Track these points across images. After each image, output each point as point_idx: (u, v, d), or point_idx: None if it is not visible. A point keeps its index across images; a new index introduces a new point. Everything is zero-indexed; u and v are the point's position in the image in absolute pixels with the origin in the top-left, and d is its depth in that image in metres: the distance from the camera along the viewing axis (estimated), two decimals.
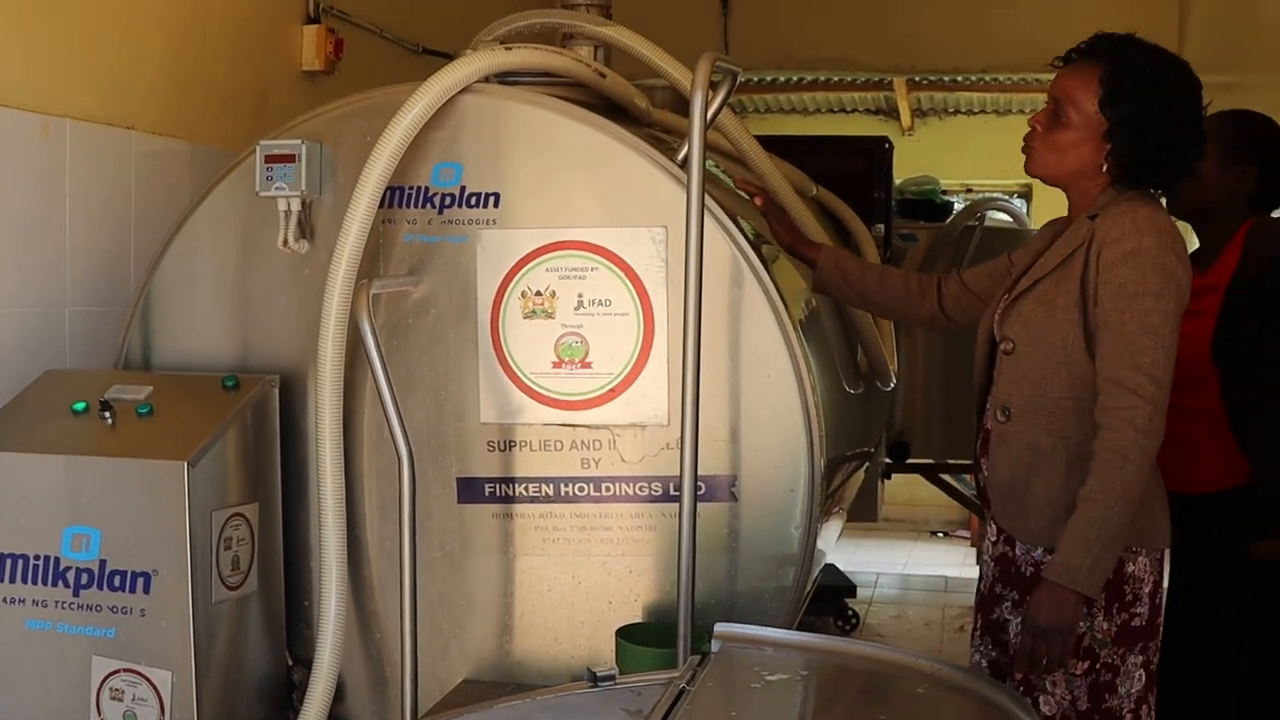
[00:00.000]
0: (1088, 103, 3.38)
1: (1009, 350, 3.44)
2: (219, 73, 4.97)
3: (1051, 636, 3.22)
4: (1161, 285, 3.26)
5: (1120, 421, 3.21)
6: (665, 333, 3.68)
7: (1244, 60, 6.56)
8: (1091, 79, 3.38)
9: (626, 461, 3.74)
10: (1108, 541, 3.21)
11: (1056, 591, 3.21)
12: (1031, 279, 3.44)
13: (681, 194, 3.50)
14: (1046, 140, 3.45)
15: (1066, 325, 3.34)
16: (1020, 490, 3.41)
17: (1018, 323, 3.43)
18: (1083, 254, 3.34)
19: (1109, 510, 3.19)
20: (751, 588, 3.74)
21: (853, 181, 7.44)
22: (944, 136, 12.85)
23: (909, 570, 10.22)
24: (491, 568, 3.83)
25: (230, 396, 3.72)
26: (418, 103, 3.60)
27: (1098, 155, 3.40)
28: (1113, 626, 3.38)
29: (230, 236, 3.94)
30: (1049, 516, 3.35)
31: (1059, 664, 3.26)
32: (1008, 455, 3.44)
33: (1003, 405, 3.44)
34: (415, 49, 6.62)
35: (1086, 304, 3.32)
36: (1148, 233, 3.28)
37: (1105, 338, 3.28)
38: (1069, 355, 3.34)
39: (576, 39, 4.16)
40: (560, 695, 2.84)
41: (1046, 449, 3.38)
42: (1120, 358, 3.24)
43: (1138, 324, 3.24)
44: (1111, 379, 3.25)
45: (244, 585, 3.68)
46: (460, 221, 3.77)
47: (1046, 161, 3.46)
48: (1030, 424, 3.40)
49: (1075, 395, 3.34)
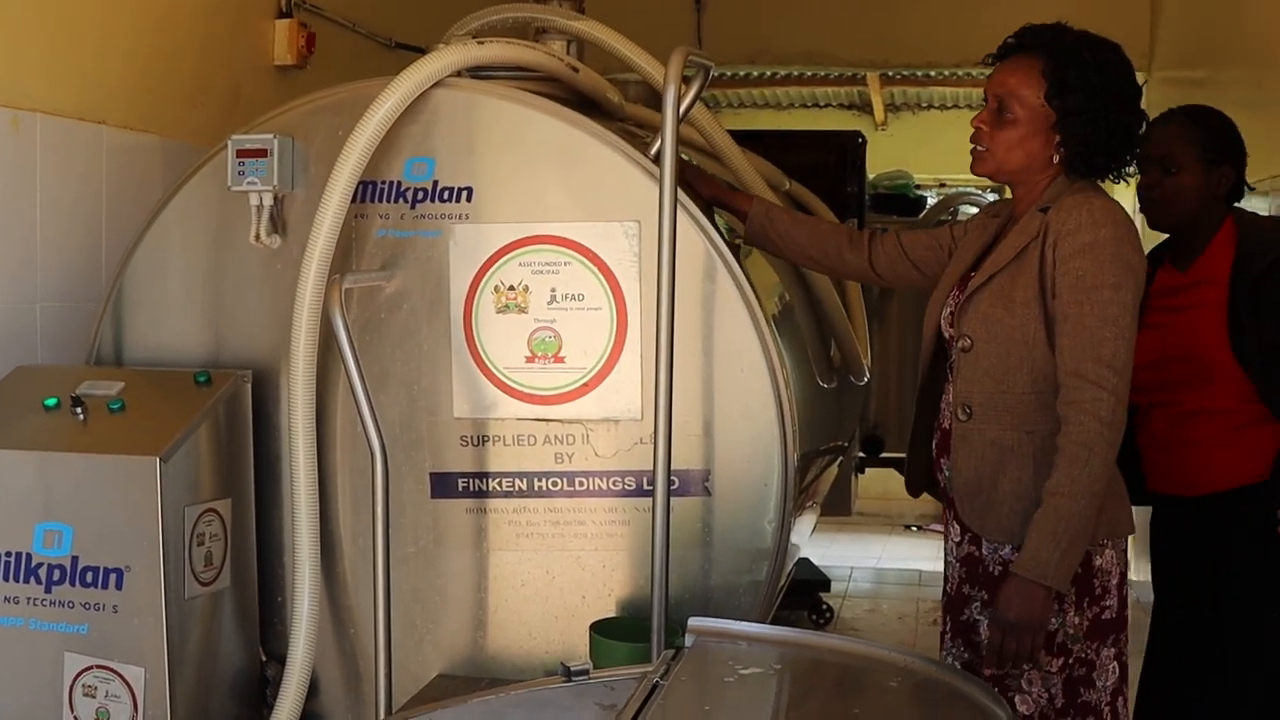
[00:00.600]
0: (1033, 96, 3.37)
1: (967, 347, 3.41)
2: (190, 67, 4.96)
3: (1021, 632, 3.21)
4: (1120, 276, 3.26)
5: (1084, 414, 3.21)
6: (638, 327, 3.68)
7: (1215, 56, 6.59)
8: (1033, 72, 3.38)
9: (600, 456, 3.74)
10: (1075, 535, 3.21)
11: (1025, 586, 3.20)
12: (985, 274, 3.41)
13: (654, 188, 3.50)
14: (994, 138, 3.43)
15: (1027, 319, 3.33)
16: (987, 488, 3.39)
17: (975, 319, 3.40)
18: (1038, 247, 3.33)
19: (1076, 504, 3.19)
20: (725, 582, 3.75)
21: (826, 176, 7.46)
22: (917, 131, 12.88)
23: (883, 564, 10.23)
24: (465, 562, 3.82)
25: (202, 392, 3.71)
26: (390, 97, 3.59)
27: (1047, 148, 3.40)
28: (1084, 621, 3.38)
29: (202, 231, 3.93)
30: (1018, 513, 3.33)
31: (1029, 659, 3.26)
32: (972, 454, 3.41)
33: (963, 403, 3.42)
34: (388, 43, 6.61)
35: (1045, 297, 3.32)
36: (1104, 224, 3.28)
37: (1065, 330, 3.27)
38: (1030, 350, 3.33)
39: (549, 33, 4.15)
40: (534, 690, 2.84)
41: (1012, 445, 3.37)
42: (1081, 350, 3.24)
43: (1097, 315, 3.24)
44: (1073, 371, 3.24)
45: (217, 581, 3.67)
46: (433, 216, 3.77)
47: (997, 159, 3.45)
48: (994, 421, 3.38)
49: (1038, 390, 3.33)
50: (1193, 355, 3.97)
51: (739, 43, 8.94)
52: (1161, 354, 3.96)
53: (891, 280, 3.98)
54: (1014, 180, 3.49)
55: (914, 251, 3.84)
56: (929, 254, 3.81)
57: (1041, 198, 3.41)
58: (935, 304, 3.60)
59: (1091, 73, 3.35)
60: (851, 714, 2.76)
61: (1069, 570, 3.23)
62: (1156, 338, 3.92)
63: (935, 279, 3.73)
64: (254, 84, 5.41)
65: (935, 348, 3.60)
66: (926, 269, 3.81)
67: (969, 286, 3.44)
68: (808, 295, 4.79)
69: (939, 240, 3.82)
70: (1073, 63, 3.35)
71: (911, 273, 3.86)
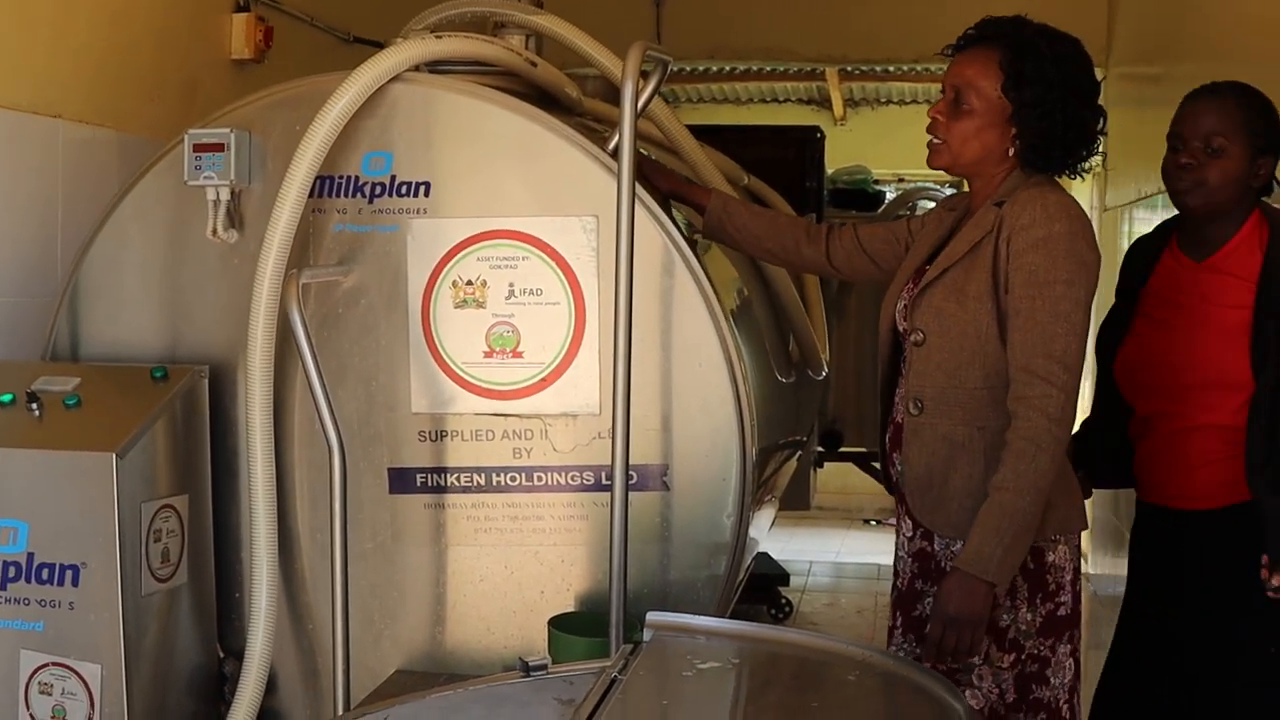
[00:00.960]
0: (990, 88, 3.36)
1: (919, 341, 3.40)
2: (147, 61, 4.94)
3: (961, 626, 3.21)
4: (1073, 272, 3.26)
5: (1033, 410, 3.21)
6: (596, 322, 3.68)
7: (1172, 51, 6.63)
8: (990, 64, 3.36)
9: (558, 451, 3.74)
10: (1019, 531, 3.21)
11: (966, 581, 3.21)
12: (939, 268, 3.40)
13: (612, 183, 3.51)
14: (950, 130, 3.41)
15: (980, 314, 3.32)
16: (938, 483, 3.39)
17: (928, 313, 3.39)
18: (992, 241, 3.33)
19: (1021, 499, 3.19)
20: (684, 576, 3.75)
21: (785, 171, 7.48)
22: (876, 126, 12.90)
23: (842, 558, 10.26)
24: (423, 558, 3.82)
25: (159, 387, 3.70)
26: (347, 91, 3.58)
27: (1003, 141, 3.39)
28: (1037, 618, 3.37)
29: (159, 226, 3.91)
30: (969, 509, 3.31)
31: (969, 653, 3.25)
32: (923, 448, 3.41)
33: (915, 398, 3.41)
34: (346, 37, 6.59)
35: (999, 292, 3.31)
36: (1058, 219, 3.28)
37: (1017, 325, 3.27)
38: (983, 344, 3.32)
39: (508, 28, 4.14)
40: (493, 685, 2.84)
41: (963, 440, 3.36)
42: (1032, 345, 3.24)
43: (1049, 311, 3.24)
44: (1023, 367, 3.24)
45: (174, 577, 3.65)
46: (391, 211, 3.76)
47: (953, 151, 3.42)
48: (945, 415, 3.38)
49: (990, 385, 3.32)
50: (1201, 363, 3.71)
51: (698, 38, 8.94)
52: (1166, 357, 3.76)
53: (848, 274, 3.96)
54: (970, 173, 3.48)
55: (870, 245, 3.83)
56: (885, 247, 3.80)
57: (998, 191, 3.41)
58: (890, 299, 3.59)
59: (1049, 66, 3.35)
60: (810, 707, 2.76)
61: (1012, 566, 3.23)
62: (1162, 338, 3.78)
63: (892, 273, 3.72)
64: (211, 78, 5.39)
65: (892, 342, 3.60)
66: (883, 262, 3.80)
67: (923, 280, 3.44)
68: (766, 290, 4.80)
69: (895, 234, 3.81)
70: (1030, 55, 3.35)
71: (868, 266, 3.85)
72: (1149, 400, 3.82)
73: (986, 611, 3.23)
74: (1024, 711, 3.40)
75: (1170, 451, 3.79)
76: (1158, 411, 3.80)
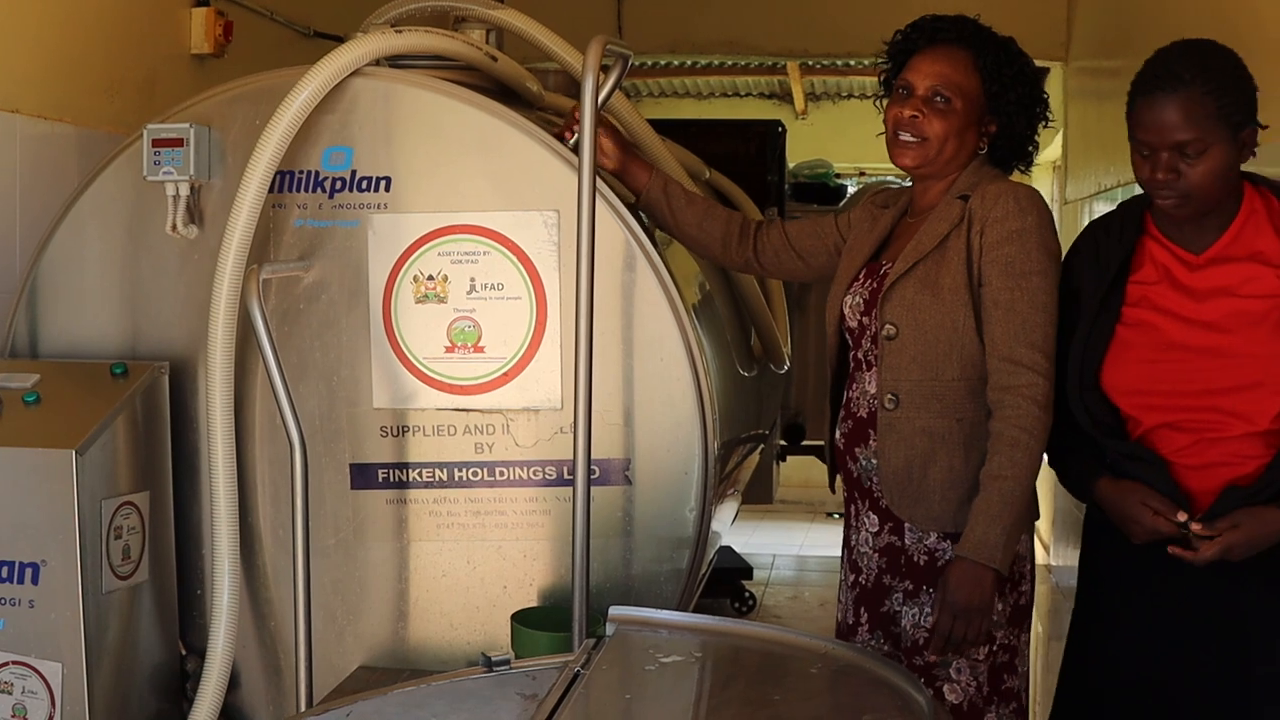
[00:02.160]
0: (973, 88, 3.40)
1: (892, 335, 3.40)
2: (105, 56, 4.91)
3: (971, 615, 3.23)
4: (1045, 264, 3.31)
5: (1022, 399, 3.24)
6: (558, 316, 3.68)
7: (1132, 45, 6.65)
8: (966, 63, 3.40)
9: (520, 446, 3.74)
10: (1017, 519, 3.26)
11: (974, 569, 3.23)
12: (907, 262, 3.40)
13: (573, 177, 3.51)
14: (931, 128, 3.40)
15: (955, 307, 3.35)
16: (918, 477, 3.39)
17: (900, 307, 3.39)
18: (962, 234, 3.35)
19: (1020, 487, 3.24)
20: (646, 570, 3.75)
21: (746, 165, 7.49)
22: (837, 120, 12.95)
23: (805, 551, 10.29)
24: (386, 554, 3.81)
25: (119, 384, 3.68)
26: (307, 86, 3.57)
27: (977, 139, 3.44)
28: (1008, 607, 3.40)
29: (118, 222, 3.90)
30: (951, 501, 3.35)
31: (976, 643, 3.28)
32: (901, 442, 3.41)
33: (890, 392, 3.41)
34: (306, 32, 6.57)
35: (973, 284, 3.34)
36: (1030, 211, 3.33)
37: (996, 317, 3.30)
38: (960, 337, 3.35)
39: (468, 22, 4.14)
40: (455, 680, 2.84)
41: (942, 432, 3.38)
42: (1014, 335, 3.28)
43: (1028, 302, 3.29)
44: (1006, 357, 3.28)
45: (135, 574, 3.64)
46: (351, 206, 3.75)
47: (933, 149, 3.41)
48: (923, 409, 3.38)
49: (966, 376, 3.35)
50: (1234, 366, 3.18)
51: (659, 32, 8.95)
52: (1186, 364, 3.21)
53: (775, 272, 3.95)
54: (938, 171, 3.47)
55: (799, 242, 3.81)
56: (814, 243, 3.79)
57: (956, 184, 3.44)
58: (835, 297, 3.59)
59: (1014, 63, 3.42)
60: (772, 700, 2.77)
61: (1011, 554, 3.27)
62: (1175, 341, 3.25)
63: (819, 271, 3.77)
64: (171, 73, 5.37)
65: (839, 340, 3.60)
66: (811, 259, 3.79)
67: (889, 276, 3.42)
68: (728, 284, 4.81)
69: (823, 230, 3.79)
70: (1004, 55, 3.40)
71: (795, 263, 3.82)
72: (1159, 414, 3.25)
73: (994, 599, 3.27)
74: (996, 703, 3.42)
75: (1191, 471, 3.23)
76: (1170, 424, 3.24)
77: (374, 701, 2.74)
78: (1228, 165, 3.14)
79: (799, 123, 12.77)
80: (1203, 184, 3.13)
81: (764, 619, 7.90)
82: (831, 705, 2.83)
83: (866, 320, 3.47)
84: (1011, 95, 3.41)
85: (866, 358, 3.49)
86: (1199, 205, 3.17)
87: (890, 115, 3.48)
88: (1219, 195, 3.17)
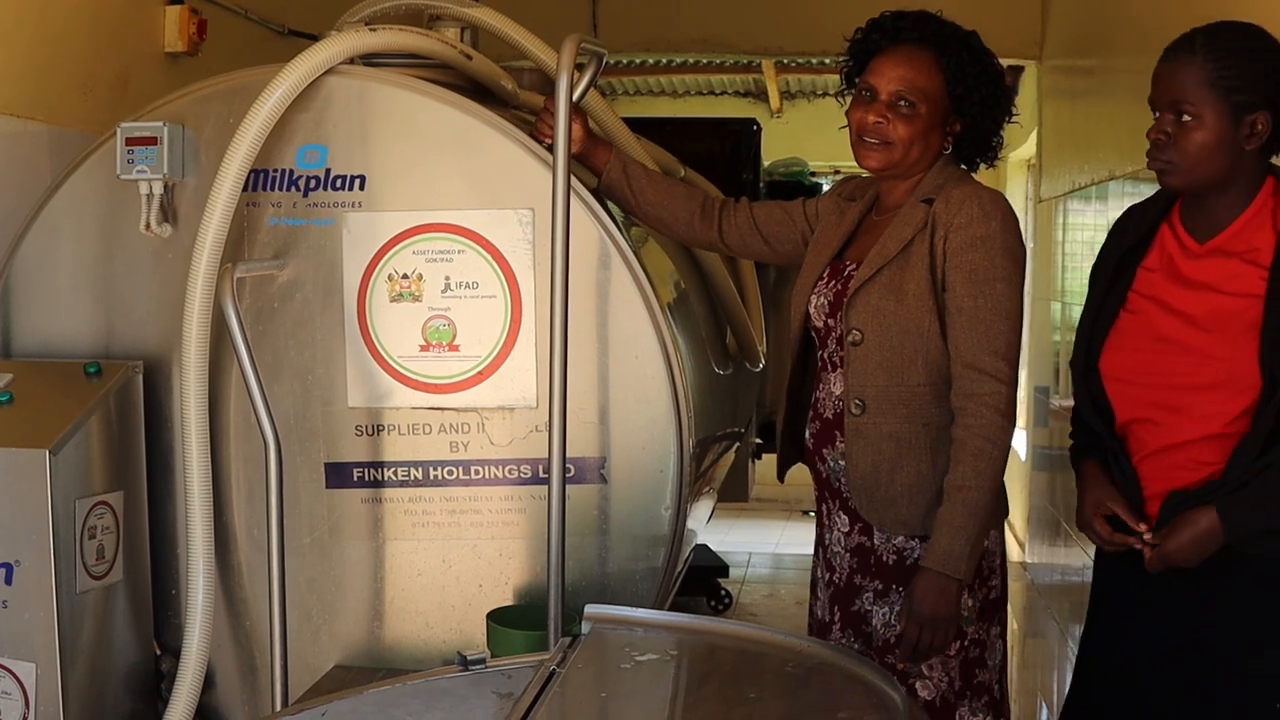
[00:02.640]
0: (937, 91, 3.38)
1: (858, 341, 3.38)
2: (79, 54, 4.89)
3: (937, 625, 3.25)
4: (1009, 269, 3.31)
5: (985, 407, 3.25)
6: (533, 315, 3.68)
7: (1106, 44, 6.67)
8: (929, 65, 3.37)
9: (495, 444, 3.74)
10: (981, 527, 3.26)
11: (939, 580, 3.24)
12: (872, 267, 3.37)
13: (548, 176, 3.51)
14: (897, 132, 3.37)
15: (920, 312, 3.33)
16: (885, 482, 3.39)
17: (865, 313, 3.37)
18: (926, 239, 3.34)
19: (983, 497, 3.24)
20: (622, 569, 3.76)
21: (721, 163, 7.50)
22: (812, 118, 12.95)
23: (781, 549, 10.29)
24: (361, 553, 3.81)
25: (93, 383, 3.67)
26: (281, 84, 3.57)
27: (942, 140, 3.43)
28: (977, 603, 3.41)
29: (91, 220, 3.89)
30: (920, 505, 3.35)
31: (941, 651, 3.30)
32: (868, 448, 3.40)
33: (857, 398, 3.39)
34: (280, 30, 6.55)
35: (937, 289, 3.33)
36: (994, 217, 3.31)
37: (960, 323, 3.30)
38: (925, 342, 3.34)
39: (443, 20, 4.14)
40: (431, 679, 2.83)
41: (909, 438, 3.37)
42: (977, 343, 3.27)
43: (992, 309, 3.28)
44: (969, 364, 3.27)
45: (109, 574, 3.63)
46: (326, 204, 3.75)
47: (899, 153, 3.39)
48: (889, 414, 3.37)
49: (932, 381, 3.35)
50: (1201, 364, 3.09)
51: (634, 30, 8.95)
52: (1159, 358, 3.15)
53: (739, 251, 3.91)
54: (905, 173, 3.45)
55: (766, 226, 3.77)
56: (780, 229, 3.75)
57: (920, 186, 3.42)
58: (801, 293, 3.56)
59: (978, 62, 3.40)
60: (747, 698, 2.77)
61: (974, 562, 3.28)
62: (1154, 332, 3.18)
63: (785, 256, 3.75)
64: (144, 71, 5.35)
65: (803, 338, 3.59)
66: (777, 244, 3.76)
67: (854, 281, 3.40)
68: (703, 282, 4.81)
69: (791, 215, 3.75)
70: (967, 54, 3.38)
71: (761, 247, 3.79)
72: (1133, 407, 3.21)
73: (959, 608, 3.28)
74: (968, 697, 3.43)
75: (1153, 472, 3.20)
76: (1140, 420, 3.20)
77: (349, 701, 2.74)
78: (1221, 141, 3.03)
79: (774, 121, 12.78)
80: (1191, 154, 3.04)
81: (740, 617, 7.90)
82: (806, 703, 2.83)
83: (832, 322, 3.46)
84: (975, 96, 3.39)
85: (832, 359, 3.48)
86: (1187, 178, 3.08)
87: (854, 118, 3.45)
88: (1212, 173, 3.06)
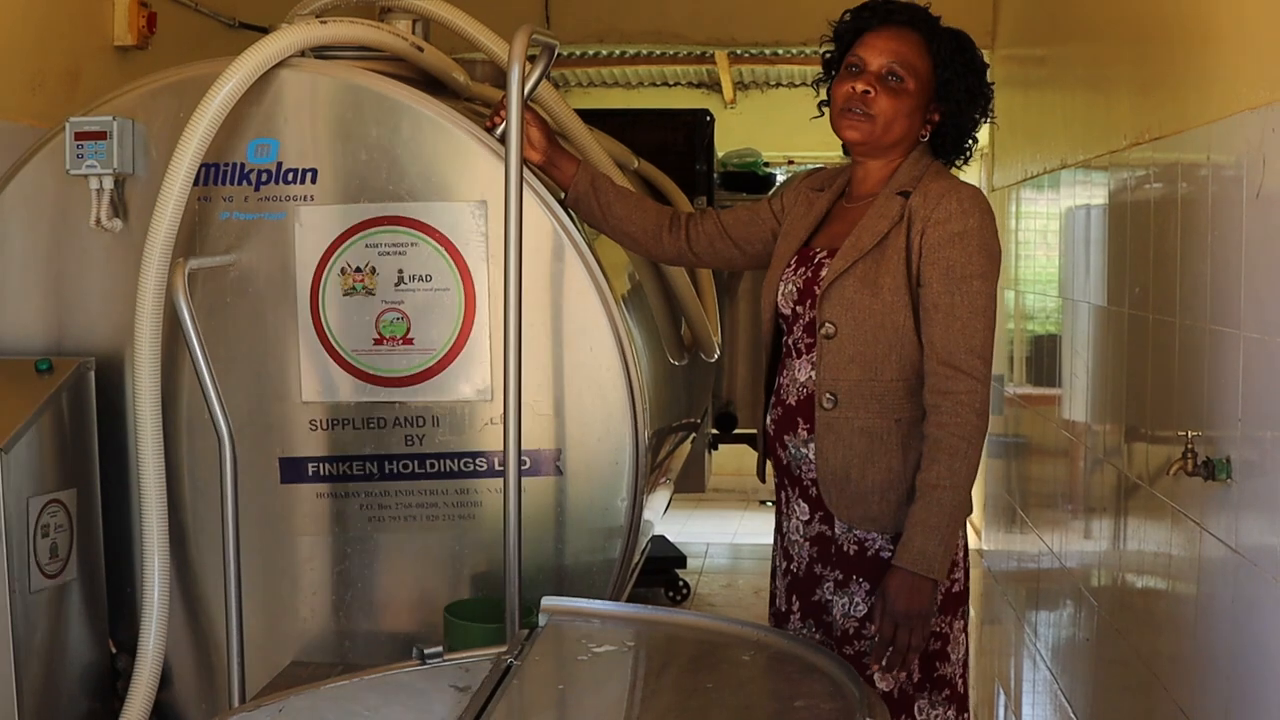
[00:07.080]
0: (926, 71, 3.37)
1: (830, 335, 3.36)
2: (27, 48, 4.86)
3: (913, 622, 3.23)
4: (986, 266, 3.29)
5: (960, 406, 3.23)
6: (487, 308, 3.68)
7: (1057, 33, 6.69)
8: (920, 46, 3.37)
9: (451, 438, 3.73)
10: (954, 526, 3.26)
11: (913, 580, 3.22)
12: (847, 260, 3.35)
13: (500, 168, 3.50)
14: (882, 105, 3.35)
15: (896, 307, 3.31)
16: (856, 477, 3.36)
17: (839, 306, 3.35)
18: (902, 233, 3.32)
19: (958, 495, 3.23)
20: (579, 561, 3.76)
21: (674, 154, 7.50)
22: (766, 109, 12.94)
23: (739, 540, 10.30)
24: (317, 548, 3.80)
25: (44, 380, 3.65)
26: (232, 78, 3.54)
27: (921, 125, 3.42)
28: (939, 596, 3.40)
29: (41, 216, 3.86)
30: (891, 501, 3.33)
31: (917, 650, 3.28)
32: (839, 442, 3.37)
33: (829, 392, 3.36)
34: (231, 23, 6.52)
35: (912, 284, 3.31)
36: (972, 213, 3.30)
37: (936, 320, 3.28)
38: (899, 337, 3.32)
39: (394, 13, 4.12)
40: (388, 674, 2.83)
41: (881, 433, 3.34)
42: (953, 340, 3.25)
43: (968, 306, 3.26)
44: (945, 361, 3.25)
45: (63, 573, 3.61)
46: (278, 198, 3.73)
47: (881, 126, 3.36)
48: (861, 409, 3.34)
49: (905, 377, 3.32)
50: None
51: (587, 22, 8.93)
52: None
53: (711, 261, 3.87)
54: (879, 155, 3.43)
55: (735, 230, 3.74)
56: (749, 230, 3.73)
57: (896, 177, 3.40)
58: (770, 283, 3.55)
59: (965, 51, 3.41)
60: (705, 688, 2.78)
61: (948, 560, 3.27)
62: None
63: (757, 258, 3.72)
64: (94, 65, 5.32)
65: (774, 327, 3.56)
66: (748, 247, 3.73)
67: (827, 273, 3.38)
68: (657, 274, 4.81)
69: (758, 215, 3.73)
70: (957, 44, 3.39)
71: (731, 251, 3.76)
72: None
73: (934, 607, 3.27)
74: (929, 690, 3.42)
75: None
76: None
77: (306, 696, 2.74)
78: None
79: (728, 111, 12.77)
80: None
81: (698, 607, 7.92)
82: (764, 692, 2.84)
83: (800, 309, 3.44)
84: (961, 84, 3.39)
85: (797, 345, 3.46)
86: None
87: (840, 90, 3.41)
88: None
